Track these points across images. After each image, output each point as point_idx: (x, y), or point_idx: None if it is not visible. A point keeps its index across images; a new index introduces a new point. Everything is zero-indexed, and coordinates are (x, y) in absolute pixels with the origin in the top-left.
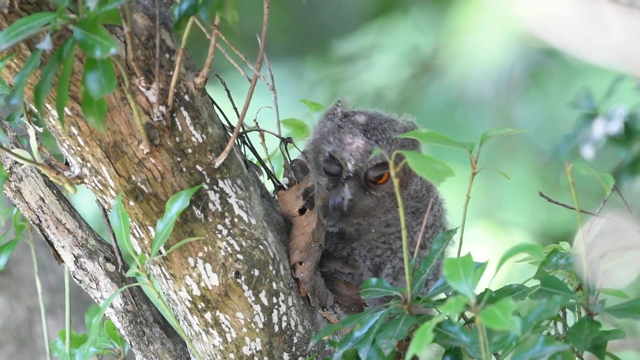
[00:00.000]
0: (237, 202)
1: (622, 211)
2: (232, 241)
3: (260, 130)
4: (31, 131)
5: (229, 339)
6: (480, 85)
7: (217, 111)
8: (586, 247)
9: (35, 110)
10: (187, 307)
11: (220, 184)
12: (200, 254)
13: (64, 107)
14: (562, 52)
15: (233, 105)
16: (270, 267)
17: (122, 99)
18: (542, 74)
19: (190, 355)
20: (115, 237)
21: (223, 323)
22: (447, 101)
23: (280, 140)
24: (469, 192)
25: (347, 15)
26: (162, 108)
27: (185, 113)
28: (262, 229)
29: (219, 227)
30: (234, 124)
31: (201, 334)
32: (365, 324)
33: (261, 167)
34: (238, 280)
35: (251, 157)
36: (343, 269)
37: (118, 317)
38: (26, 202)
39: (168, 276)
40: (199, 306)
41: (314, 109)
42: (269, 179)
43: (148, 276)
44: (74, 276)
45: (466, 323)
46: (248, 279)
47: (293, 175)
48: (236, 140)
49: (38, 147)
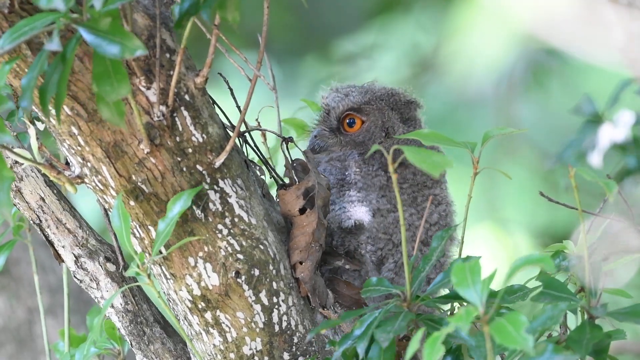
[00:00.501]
0: (237, 202)
1: (622, 211)
2: (232, 241)
3: (261, 129)
4: (31, 131)
5: (229, 339)
6: (481, 84)
7: (217, 111)
8: (587, 249)
9: (36, 110)
10: (188, 306)
11: (221, 183)
12: (201, 254)
13: (61, 106)
14: (563, 51)
15: (236, 103)
16: (271, 267)
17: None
18: (543, 73)
19: (191, 355)
20: (116, 237)
21: (223, 323)
22: (448, 101)
23: (281, 140)
24: (471, 192)
25: (348, 15)
26: (163, 108)
27: (185, 113)
28: (262, 229)
29: (219, 226)
30: (235, 123)
31: (201, 333)
32: (364, 321)
33: (263, 166)
34: (238, 279)
35: (252, 157)
36: (347, 265)
37: (118, 317)
38: (26, 202)
39: (168, 276)
40: (199, 306)
41: (315, 108)
42: (271, 178)
43: (148, 276)
44: (75, 276)
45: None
46: (248, 279)
47: (294, 175)
48: (238, 140)
49: (38, 147)
